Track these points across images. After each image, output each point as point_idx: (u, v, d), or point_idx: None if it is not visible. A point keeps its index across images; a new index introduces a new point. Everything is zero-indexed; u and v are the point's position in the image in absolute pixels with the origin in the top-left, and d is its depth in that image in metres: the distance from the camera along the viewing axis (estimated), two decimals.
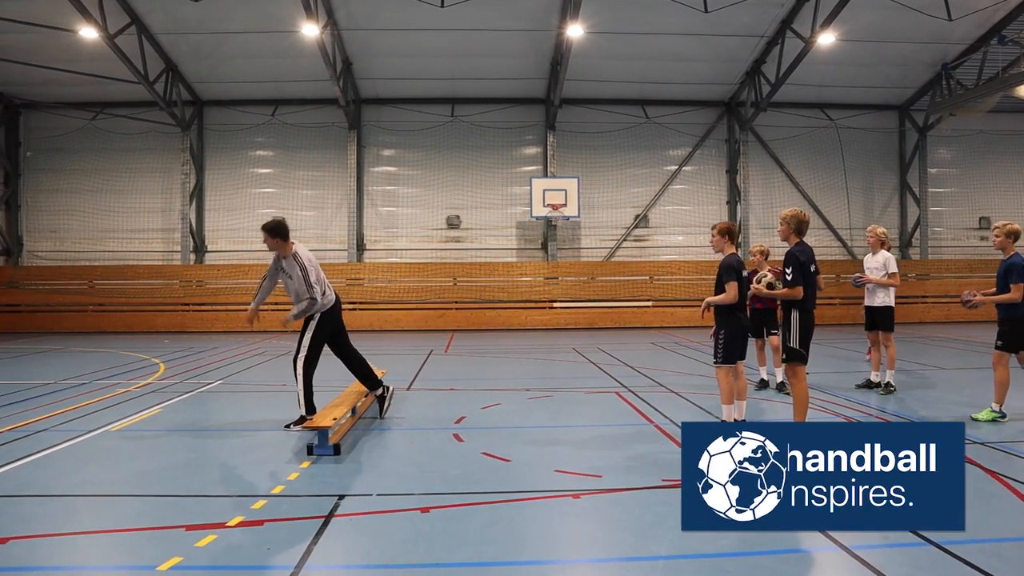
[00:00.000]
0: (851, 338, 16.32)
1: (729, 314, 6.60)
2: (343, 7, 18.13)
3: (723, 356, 6.58)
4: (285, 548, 4.05)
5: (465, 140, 22.06)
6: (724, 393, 6.58)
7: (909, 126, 22.97)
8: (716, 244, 6.83)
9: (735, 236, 6.84)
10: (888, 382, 8.90)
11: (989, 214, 23.07)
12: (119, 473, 5.75)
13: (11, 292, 21.32)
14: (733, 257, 6.62)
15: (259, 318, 7.53)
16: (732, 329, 6.58)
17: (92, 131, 21.68)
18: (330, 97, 20.45)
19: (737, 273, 6.54)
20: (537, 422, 7.67)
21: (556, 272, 21.81)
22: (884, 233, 9.09)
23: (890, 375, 8.92)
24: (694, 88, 21.80)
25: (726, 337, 6.57)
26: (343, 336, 7.49)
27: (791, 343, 6.18)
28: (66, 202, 21.78)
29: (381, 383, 7.74)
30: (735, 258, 6.61)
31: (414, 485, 5.31)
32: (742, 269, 6.65)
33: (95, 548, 4.20)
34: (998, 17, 18.63)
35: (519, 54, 20.14)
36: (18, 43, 18.23)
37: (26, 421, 7.54)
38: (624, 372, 11.30)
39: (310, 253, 7.38)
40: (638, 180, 22.46)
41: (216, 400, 9.31)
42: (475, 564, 3.86)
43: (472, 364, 13.34)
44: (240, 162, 22.02)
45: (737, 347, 6.59)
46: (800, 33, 18.33)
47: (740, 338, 6.62)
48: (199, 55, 19.78)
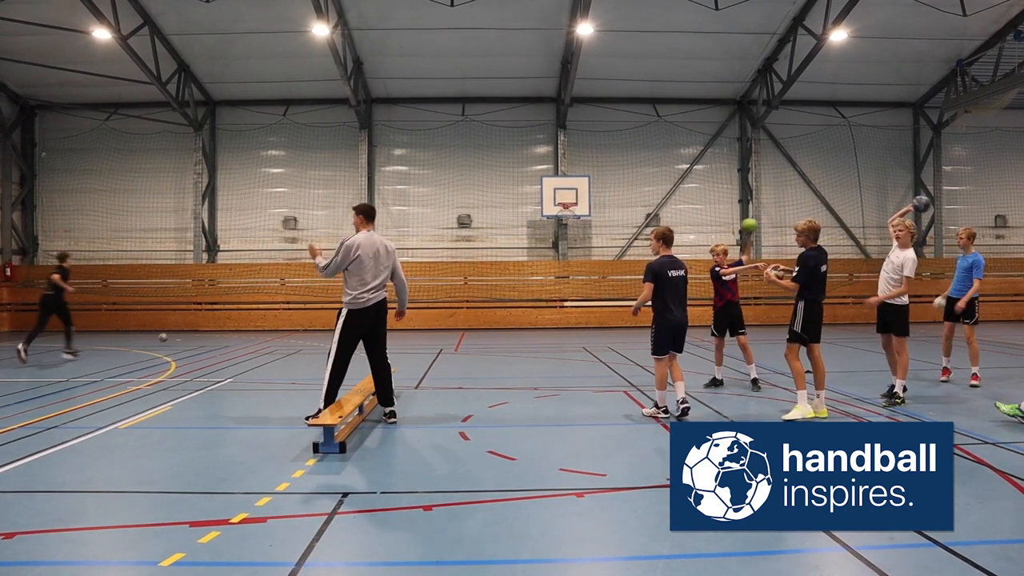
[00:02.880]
0: (863, 338, 16.19)
1: (657, 312, 7.40)
2: (354, 7, 18.19)
3: (654, 348, 7.44)
4: (287, 545, 4.06)
5: (476, 139, 22.07)
6: (657, 380, 7.44)
7: (923, 123, 22.75)
8: (653, 247, 7.60)
9: (669, 240, 7.53)
10: (894, 387, 8.11)
11: (1005, 212, 22.84)
12: (126, 470, 5.80)
13: (26, 291, 21.53)
14: (656, 260, 7.39)
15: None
16: (659, 325, 7.38)
17: (106, 131, 21.88)
18: (341, 97, 20.54)
19: (655, 275, 7.29)
20: (544, 421, 7.66)
21: (567, 271, 21.78)
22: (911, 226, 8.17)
23: (900, 384, 8.07)
24: (705, 86, 21.70)
25: (655, 331, 7.41)
26: (374, 342, 7.23)
27: (794, 327, 7.31)
28: (80, 202, 21.99)
29: (393, 404, 7.50)
30: (657, 261, 7.38)
31: (418, 483, 5.32)
32: (664, 271, 7.29)
33: (100, 543, 4.23)
34: (1013, 12, 18.42)
35: (529, 53, 20.13)
36: (33, 45, 18.44)
37: (37, 418, 7.62)
38: (634, 371, 11.27)
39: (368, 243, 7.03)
40: (649, 179, 22.39)
41: (225, 398, 9.36)
42: (476, 562, 3.86)
43: (481, 363, 13.34)
44: (252, 162, 22.15)
45: (666, 340, 7.36)
46: (812, 30, 18.19)
47: (668, 332, 7.35)
48: (211, 55, 19.91)
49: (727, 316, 9.49)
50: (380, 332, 7.25)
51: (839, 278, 21.64)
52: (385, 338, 7.36)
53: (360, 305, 7.01)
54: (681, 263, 7.46)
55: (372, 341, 7.23)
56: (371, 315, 7.06)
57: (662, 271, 7.30)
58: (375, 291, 7.06)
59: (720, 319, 9.55)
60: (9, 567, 3.79)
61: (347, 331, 6.99)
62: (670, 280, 7.31)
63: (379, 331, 7.24)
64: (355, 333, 7.05)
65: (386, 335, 7.38)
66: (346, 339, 6.99)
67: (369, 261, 7.03)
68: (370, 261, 7.03)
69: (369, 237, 7.12)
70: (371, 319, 7.07)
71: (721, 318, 9.54)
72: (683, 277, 7.42)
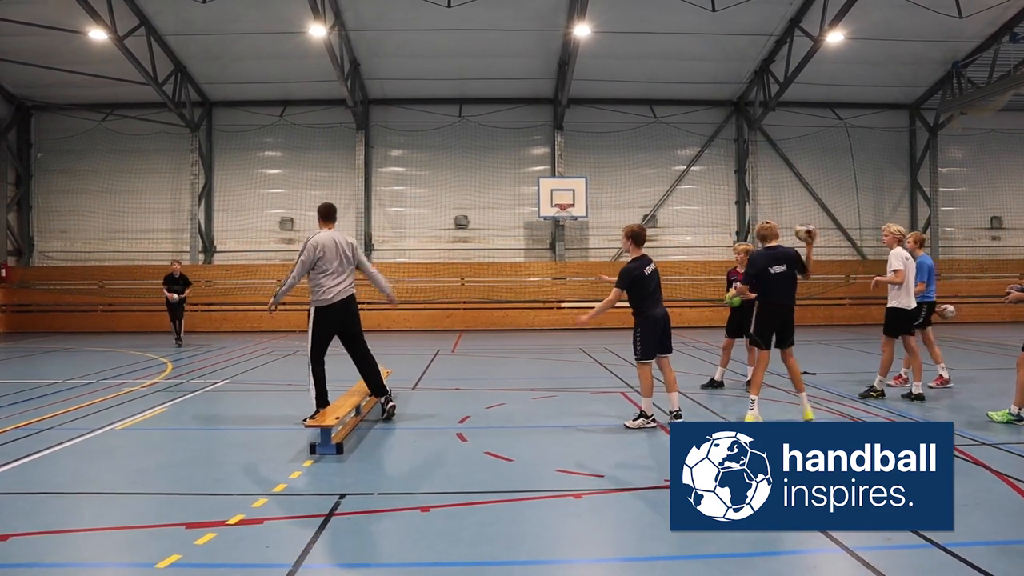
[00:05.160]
0: (861, 339, 16.21)
1: (641, 314, 7.06)
2: (351, 8, 18.17)
3: (641, 353, 7.04)
4: (284, 546, 4.04)
5: (473, 140, 22.07)
6: (644, 387, 7.05)
7: (920, 125, 22.80)
8: (624, 245, 7.31)
9: (640, 239, 7.17)
10: (873, 386, 8.58)
11: (1001, 213, 22.89)
12: (122, 471, 5.77)
13: (22, 292, 21.50)
14: (632, 264, 7.08)
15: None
16: (645, 326, 7.03)
17: (102, 132, 21.83)
18: (338, 98, 20.51)
19: (632, 282, 6.97)
20: (541, 422, 7.65)
21: (564, 272, 21.78)
22: (899, 230, 8.49)
23: (879, 380, 8.58)
24: (702, 87, 21.72)
25: (641, 335, 7.03)
26: (350, 339, 7.31)
27: (750, 330, 7.34)
28: (76, 203, 21.93)
29: (387, 391, 7.57)
30: (634, 264, 7.06)
31: (415, 484, 5.30)
32: (641, 270, 6.99)
33: (96, 545, 4.21)
34: (1009, 15, 18.48)
35: (526, 54, 20.13)
36: (29, 45, 18.39)
37: (32, 420, 7.58)
38: (631, 372, 11.22)
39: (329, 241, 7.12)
40: (646, 180, 22.40)
41: (221, 399, 9.34)
42: (473, 563, 3.84)
43: (478, 364, 13.32)
44: (249, 163, 22.12)
45: (653, 344, 7.01)
46: (809, 32, 18.22)
47: (655, 335, 7.02)
48: (208, 56, 19.88)
49: (738, 318, 9.29)
50: (353, 328, 7.31)
51: (836, 279, 21.68)
52: (361, 333, 7.39)
53: (327, 302, 7.09)
54: (650, 259, 7.21)
55: (347, 338, 7.31)
56: (339, 310, 7.13)
57: (639, 273, 7.01)
58: (340, 286, 7.14)
59: (732, 320, 9.49)
60: (4, 569, 3.76)
61: (318, 328, 7.08)
62: (647, 278, 7.05)
63: (351, 327, 7.29)
64: (326, 329, 7.13)
65: (361, 331, 7.39)
66: (318, 336, 7.08)
67: (332, 257, 7.12)
68: (333, 257, 7.12)
69: (329, 235, 7.21)
70: (339, 314, 7.14)
71: (733, 319, 9.47)
72: (655, 271, 7.19)
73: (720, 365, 9.56)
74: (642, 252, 7.18)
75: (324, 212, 7.39)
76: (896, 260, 8.33)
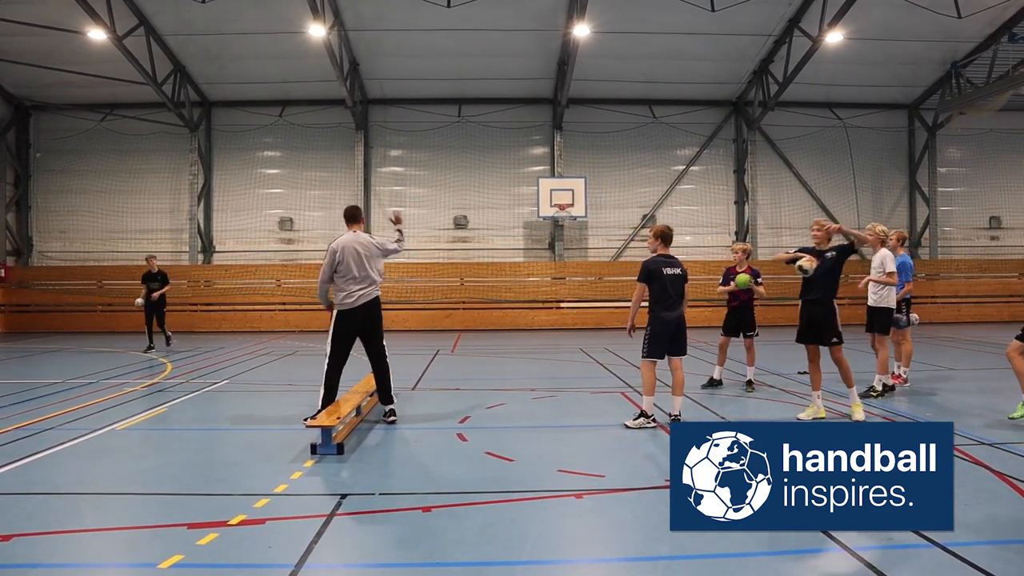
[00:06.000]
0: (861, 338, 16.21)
1: (652, 313, 7.11)
2: (350, 8, 18.17)
3: (647, 351, 7.11)
4: (286, 547, 4.05)
5: (472, 140, 22.07)
6: (646, 385, 7.08)
7: (918, 125, 22.82)
8: (650, 244, 7.37)
9: (668, 239, 7.27)
10: (872, 385, 8.67)
11: (999, 213, 22.92)
12: (123, 471, 5.78)
13: (21, 292, 21.48)
14: (651, 259, 7.17)
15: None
16: (655, 327, 7.07)
17: (101, 132, 21.82)
18: (337, 98, 20.51)
19: (648, 274, 7.05)
20: (542, 422, 7.66)
21: (563, 272, 21.79)
22: (883, 231, 8.73)
23: (878, 379, 8.71)
24: (701, 87, 21.74)
25: (650, 335, 7.09)
26: (369, 342, 7.33)
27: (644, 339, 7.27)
28: (75, 203, 21.92)
29: (393, 401, 7.53)
30: (652, 260, 7.14)
31: (416, 484, 5.31)
32: (659, 268, 7.05)
33: (98, 545, 4.22)
34: (1008, 15, 18.50)
35: (526, 54, 20.13)
36: (28, 45, 18.38)
37: (33, 420, 7.58)
38: (630, 372, 11.26)
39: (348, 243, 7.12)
40: (645, 180, 22.41)
41: (222, 399, 9.34)
42: (475, 564, 3.85)
43: (478, 364, 13.33)
44: (248, 163, 22.11)
45: (660, 344, 7.07)
46: (808, 32, 18.24)
47: (663, 335, 7.06)
48: (207, 56, 19.87)
49: (736, 317, 9.47)
50: (373, 331, 7.31)
51: None
52: (381, 338, 7.39)
53: (348, 305, 7.13)
54: (678, 261, 7.20)
55: (367, 340, 7.33)
56: (360, 314, 7.16)
57: (656, 269, 7.05)
58: (362, 290, 7.14)
59: (729, 319, 9.54)
60: (6, 570, 3.77)
61: (338, 331, 7.14)
62: (666, 278, 7.03)
63: (372, 330, 7.30)
64: (347, 333, 7.17)
65: (381, 336, 7.40)
66: (338, 339, 7.14)
67: (352, 263, 7.11)
68: (353, 263, 7.12)
69: (352, 239, 7.22)
70: (361, 318, 7.17)
71: (731, 318, 9.52)
72: (679, 275, 7.13)
73: (717, 364, 9.60)
74: (668, 252, 7.23)
75: (348, 214, 7.45)
76: (889, 262, 8.61)
